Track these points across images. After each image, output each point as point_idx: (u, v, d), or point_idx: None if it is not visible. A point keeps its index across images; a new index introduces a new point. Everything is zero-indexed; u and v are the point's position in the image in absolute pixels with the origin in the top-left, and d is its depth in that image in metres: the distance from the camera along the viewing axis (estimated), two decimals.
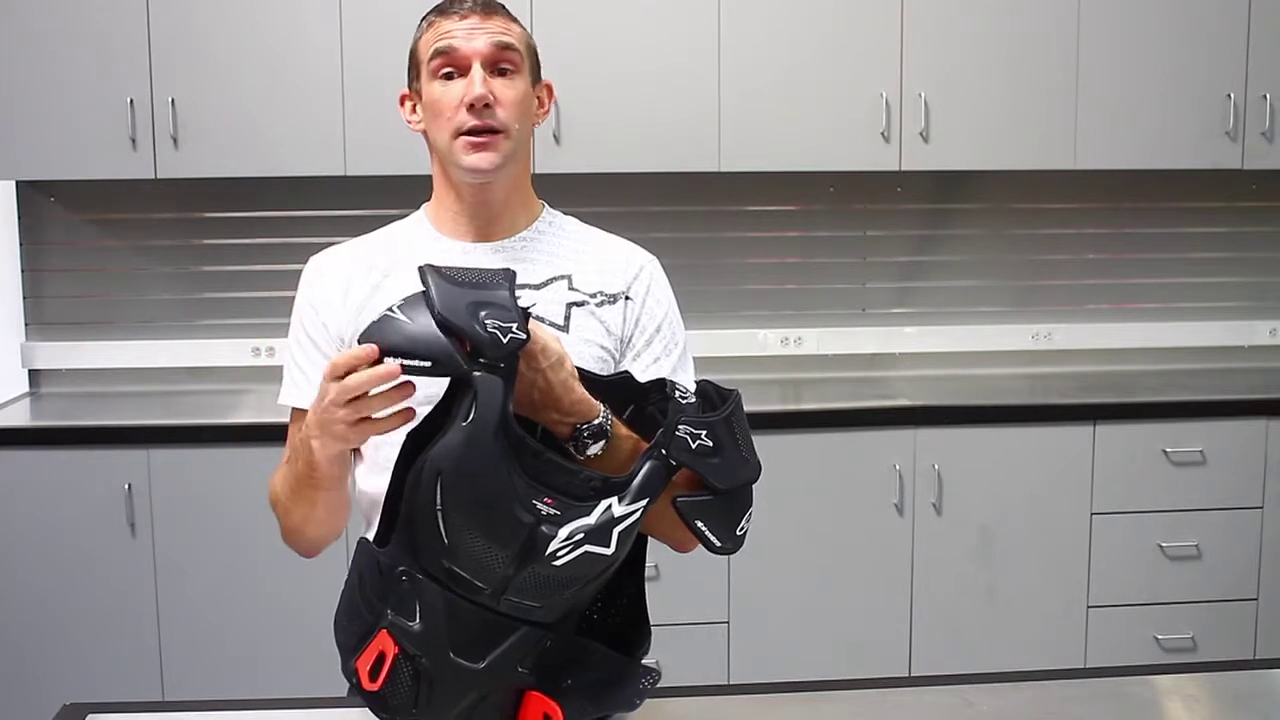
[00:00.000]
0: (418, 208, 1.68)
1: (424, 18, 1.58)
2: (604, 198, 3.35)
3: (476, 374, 1.17)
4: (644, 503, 1.21)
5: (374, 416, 1.22)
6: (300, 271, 1.66)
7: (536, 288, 1.58)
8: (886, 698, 1.58)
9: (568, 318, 1.56)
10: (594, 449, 1.30)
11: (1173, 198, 3.85)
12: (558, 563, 1.17)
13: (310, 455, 1.31)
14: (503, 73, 1.53)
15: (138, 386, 3.61)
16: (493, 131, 1.52)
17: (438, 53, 1.53)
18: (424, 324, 1.18)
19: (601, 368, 1.55)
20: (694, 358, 1.67)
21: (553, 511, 1.17)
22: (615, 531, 1.19)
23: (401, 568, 1.20)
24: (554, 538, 1.17)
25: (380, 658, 1.21)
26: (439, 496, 1.16)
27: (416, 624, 1.20)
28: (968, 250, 3.83)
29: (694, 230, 3.72)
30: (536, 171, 3.19)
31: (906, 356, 3.80)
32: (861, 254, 3.80)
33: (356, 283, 1.59)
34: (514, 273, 1.26)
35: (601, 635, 1.36)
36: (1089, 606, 3.36)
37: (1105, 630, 3.36)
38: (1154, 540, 3.35)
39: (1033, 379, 3.76)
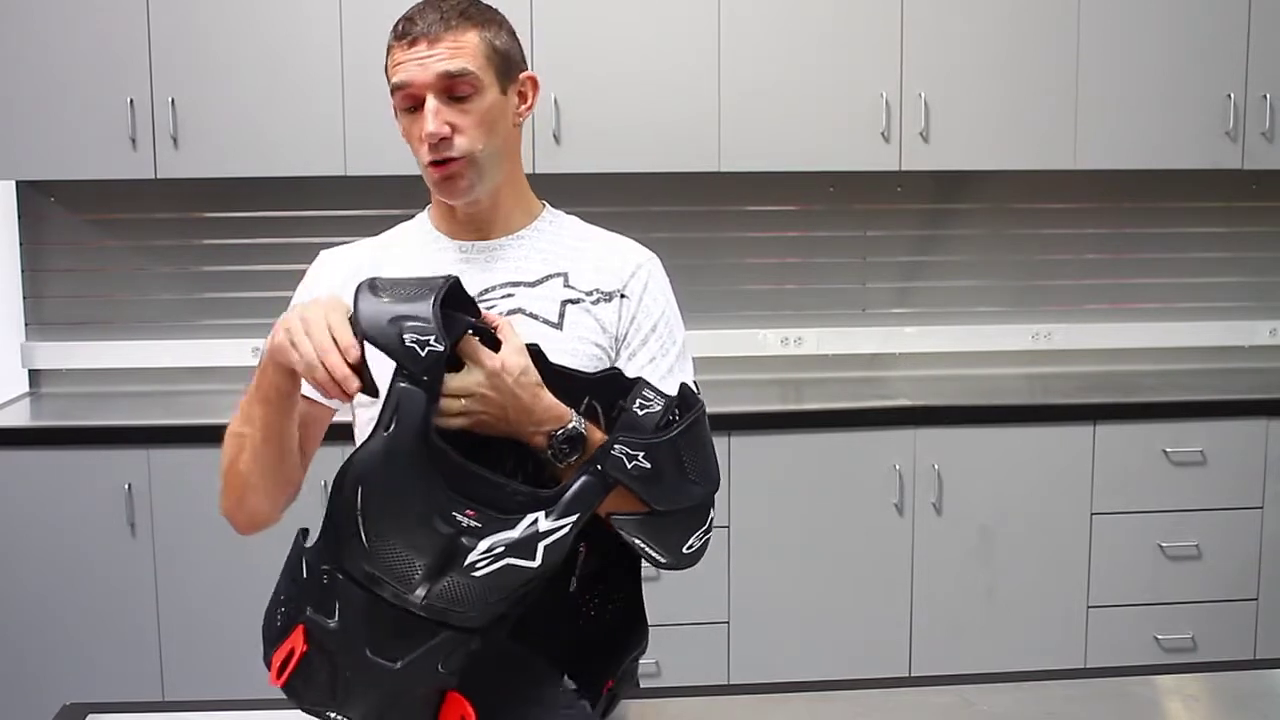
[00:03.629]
0: (417, 207, 1.68)
1: (389, 36, 1.55)
2: (604, 198, 3.34)
3: (400, 385, 1.18)
4: (574, 518, 1.21)
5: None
6: (301, 271, 1.66)
7: (531, 285, 1.58)
8: (887, 698, 1.58)
9: (562, 315, 1.56)
10: (572, 457, 1.30)
11: (1173, 198, 3.85)
12: (477, 574, 1.17)
13: (264, 362, 1.34)
14: (460, 98, 1.50)
15: (138, 386, 3.61)
16: (454, 160, 1.51)
17: (396, 88, 1.52)
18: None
19: (596, 366, 1.54)
20: (693, 358, 1.66)
21: (474, 524, 1.18)
22: (540, 545, 1.19)
23: (324, 566, 1.21)
24: (474, 549, 1.17)
25: (290, 654, 1.21)
26: (359, 502, 1.17)
27: (334, 622, 1.20)
28: (968, 250, 3.83)
29: (694, 230, 3.72)
30: (536, 171, 3.22)
31: (906, 356, 3.80)
32: (861, 254, 3.80)
33: (359, 277, 1.59)
34: (454, 278, 1.26)
35: (598, 633, 1.36)
36: (1089, 606, 3.36)
37: (1105, 630, 3.36)
38: (1154, 540, 3.35)
39: (1033, 379, 3.76)
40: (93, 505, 3.11)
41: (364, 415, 1.60)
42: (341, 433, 1.64)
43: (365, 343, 1.21)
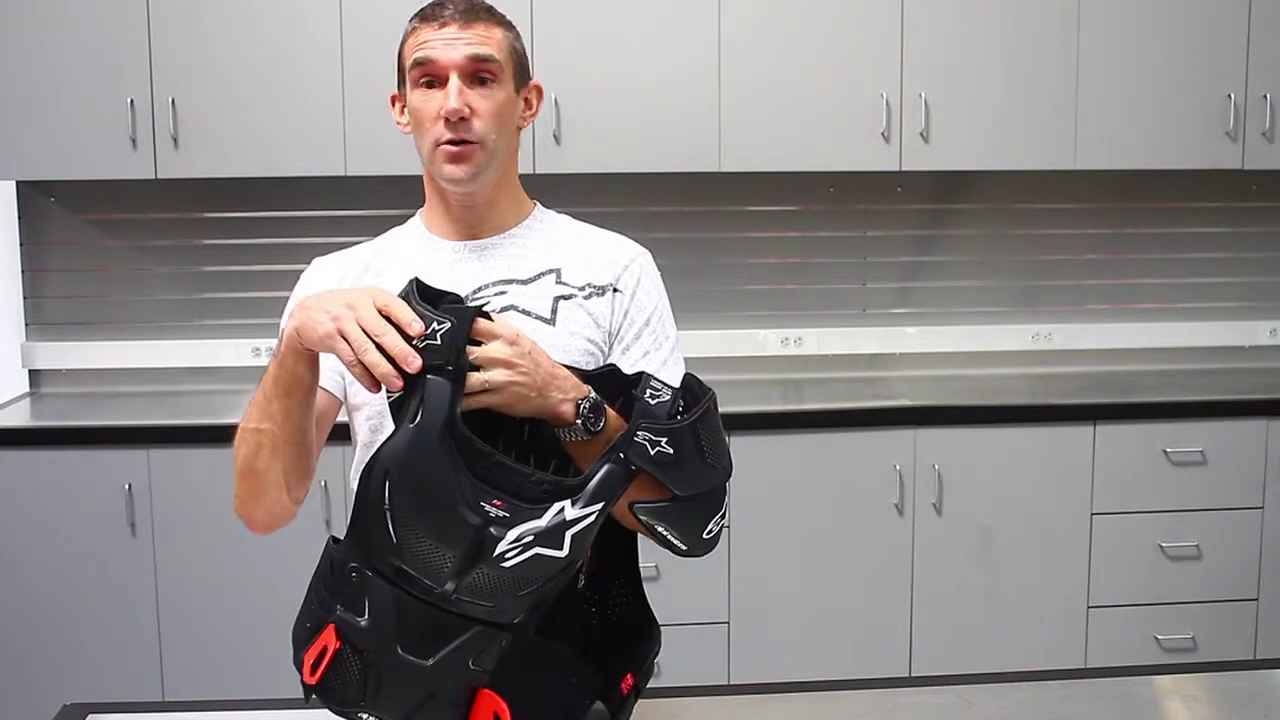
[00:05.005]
0: (417, 208, 1.69)
1: (410, 21, 1.58)
2: (604, 198, 3.36)
3: (425, 376, 1.18)
4: (599, 506, 1.20)
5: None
6: (300, 272, 1.67)
7: (525, 282, 1.58)
8: (887, 698, 1.58)
9: (554, 311, 1.56)
10: (598, 426, 1.29)
11: (1173, 198, 3.85)
12: (506, 564, 1.17)
13: (283, 353, 1.31)
14: (481, 82, 1.53)
15: (138, 386, 3.61)
16: (469, 142, 1.52)
17: (417, 63, 1.53)
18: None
19: (590, 361, 1.54)
20: (693, 358, 1.66)
21: (502, 514, 1.17)
22: (568, 534, 1.18)
23: (352, 564, 1.21)
24: (502, 539, 1.17)
25: (322, 652, 1.22)
26: (386, 496, 1.17)
27: (364, 620, 1.20)
28: (968, 250, 3.82)
29: (694, 230, 3.72)
30: (536, 171, 3.22)
31: (906, 356, 3.80)
32: (861, 254, 3.80)
33: (349, 281, 1.60)
34: (414, 279, 1.26)
35: (611, 632, 1.35)
36: (1089, 606, 3.36)
37: (1105, 630, 3.36)
38: (1154, 540, 3.35)
39: (1033, 379, 3.76)
40: (93, 505, 3.11)
41: (361, 416, 1.59)
42: (341, 432, 1.64)
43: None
